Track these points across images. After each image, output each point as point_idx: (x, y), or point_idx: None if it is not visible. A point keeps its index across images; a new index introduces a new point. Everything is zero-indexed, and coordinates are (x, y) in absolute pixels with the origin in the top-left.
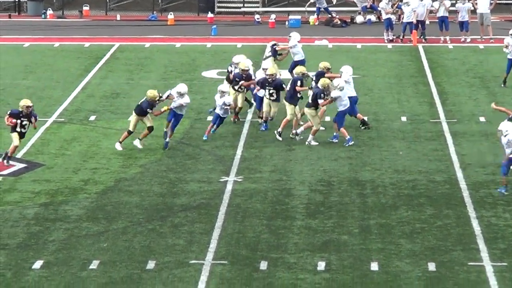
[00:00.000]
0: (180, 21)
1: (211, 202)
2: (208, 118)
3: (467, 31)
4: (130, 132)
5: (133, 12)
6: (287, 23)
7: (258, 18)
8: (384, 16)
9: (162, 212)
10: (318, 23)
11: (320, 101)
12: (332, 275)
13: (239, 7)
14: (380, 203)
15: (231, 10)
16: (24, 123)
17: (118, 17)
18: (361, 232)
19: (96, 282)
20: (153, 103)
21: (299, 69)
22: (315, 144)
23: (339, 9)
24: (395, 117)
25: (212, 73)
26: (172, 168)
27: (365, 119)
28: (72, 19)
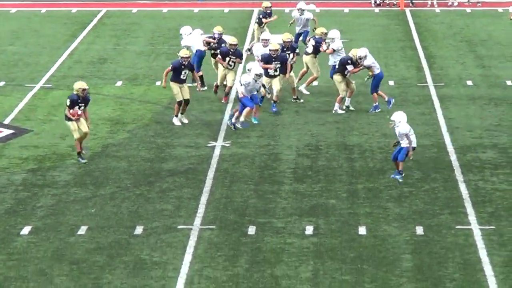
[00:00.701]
0: None
1: (198, 167)
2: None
3: None
4: (180, 102)
5: None
6: None
7: None
8: None
9: (149, 178)
10: None
11: (350, 67)
12: (320, 239)
13: None
14: (367, 167)
15: None
16: (81, 108)
17: None
18: (349, 197)
19: (84, 248)
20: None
21: (319, 30)
22: (341, 113)
23: None
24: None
25: None
26: (160, 133)
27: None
28: None
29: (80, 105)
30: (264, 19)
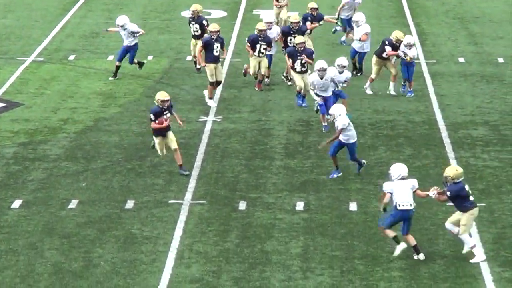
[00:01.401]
0: None
1: (190, 141)
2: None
3: None
4: (213, 83)
5: None
6: None
7: None
8: None
9: (141, 152)
10: None
11: (388, 48)
12: (310, 215)
13: None
14: (359, 143)
15: None
16: (166, 116)
17: None
18: (339, 173)
19: (75, 222)
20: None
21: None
22: (369, 93)
23: None
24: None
25: None
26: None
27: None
28: None
29: (165, 113)
30: (309, 24)
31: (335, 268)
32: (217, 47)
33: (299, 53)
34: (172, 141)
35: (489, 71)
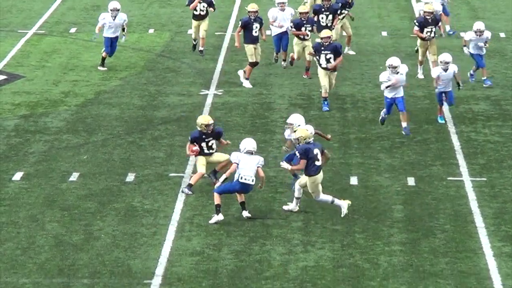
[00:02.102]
0: None
1: (191, 115)
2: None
3: None
4: (252, 63)
5: None
6: None
7: None
8: None
9: (142, 125)
10: None
11: (416, 28)
12: None
13: None
14: (360, 118)
15: None
16: (210, 143)
17: None
18: (340, 147)
19: (75, 194)
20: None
21: None
22: (421, 78)
23: None
24: (375, 31)
25: None
26: (152, 81)
27: None
28: None
29: (207, 140)
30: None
31: (336, 242)
32: (256, 27)
33: (323, 47)
34: (217, 156)
35: (491, 46)
